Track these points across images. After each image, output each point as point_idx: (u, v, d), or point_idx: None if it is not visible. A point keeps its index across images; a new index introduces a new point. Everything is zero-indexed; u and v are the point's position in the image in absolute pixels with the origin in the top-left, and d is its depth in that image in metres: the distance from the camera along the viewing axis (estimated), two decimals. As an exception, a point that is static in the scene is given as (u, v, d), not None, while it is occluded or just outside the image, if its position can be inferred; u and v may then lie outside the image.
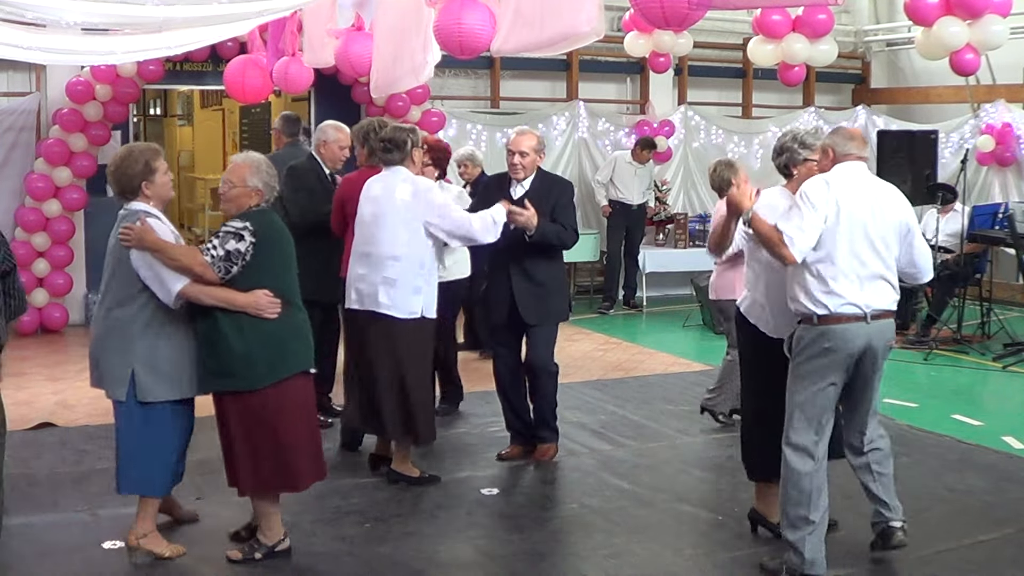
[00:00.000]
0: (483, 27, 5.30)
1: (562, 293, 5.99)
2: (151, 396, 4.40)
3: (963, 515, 5.25)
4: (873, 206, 4.30)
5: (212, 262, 4.29)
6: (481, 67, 11.60)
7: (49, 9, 5.45)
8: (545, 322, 5.88)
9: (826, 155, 4.46)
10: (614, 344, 9.56)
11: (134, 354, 4.38)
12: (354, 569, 4.59)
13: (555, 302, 5.90)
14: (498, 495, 5.50)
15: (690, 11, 4.28)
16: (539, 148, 5.79)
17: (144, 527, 4.57)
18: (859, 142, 4.46)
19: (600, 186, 11.36)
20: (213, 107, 15.74)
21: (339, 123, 6.64)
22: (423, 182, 5.52)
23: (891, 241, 4.33)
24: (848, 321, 4.24)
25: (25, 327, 9.62)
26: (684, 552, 4.79)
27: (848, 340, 4.24)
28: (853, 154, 4.40)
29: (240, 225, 4.38)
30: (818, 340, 4.26)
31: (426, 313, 5.45)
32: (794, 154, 4.86)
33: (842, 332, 4.24)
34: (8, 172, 9.80)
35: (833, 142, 4.45)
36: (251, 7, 6.06)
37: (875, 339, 4.29)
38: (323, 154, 6.51)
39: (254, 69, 8.22)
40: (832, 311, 4.23)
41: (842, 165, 4.37)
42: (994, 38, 7.74)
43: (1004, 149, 11.79)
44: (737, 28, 12.02)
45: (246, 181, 4.48)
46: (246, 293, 4.34)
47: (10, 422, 6.66)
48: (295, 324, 4.50)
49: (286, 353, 4.44)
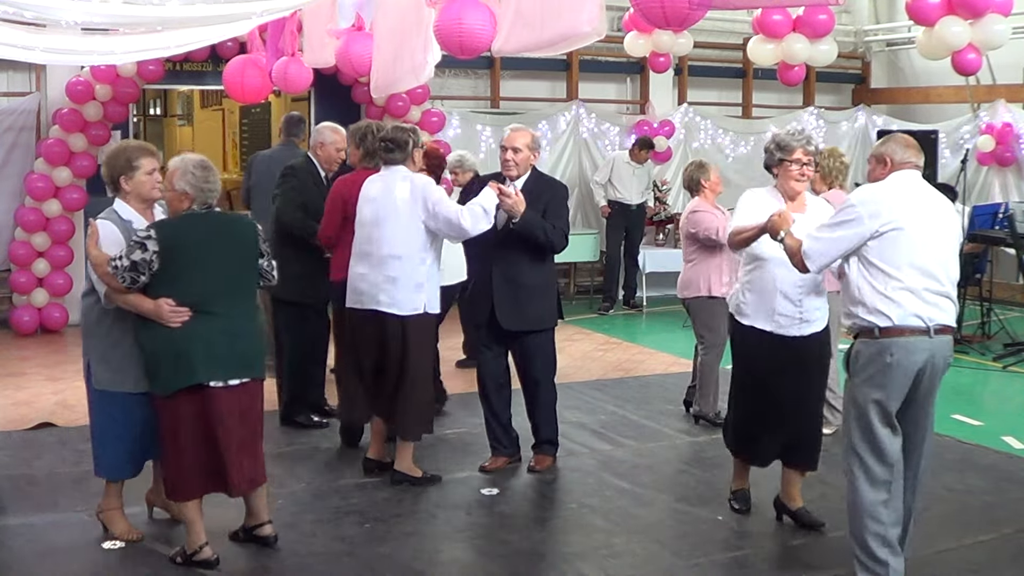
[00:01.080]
0: (483, 27, 5.29)
1: (546, 298, 5.71)
2: (102, 385, 4.64)
3: (963, 515, 5.25)
4: (935, 218, 4.18)
5: (116, 272, 4.33)
6: (481, 67, 11.60)
7: (49, 9, 5.45)
8: (523, 327, 5.65)
9: (882, 163, 4.29)
10: (614, 344, 9.56)
11: (90, 344, 4.71)
12: (354, 569, 4.58)
13: (536, 307, 5.66)
14: (498, 495, 5.50)
15: (691, 11, 4.27)
16: (533, 146, 5.63)
17: (107, 504, 4.82)
18: (915, 150, 4.30)
19: (599, 186, 11.35)
20: (213, 107, 15.74)
21: (336, 125, 6.64)
22: (420, 178, 5.50)
23: (951, 254, 4.20)
24: (911, 334, 4.09)
25: (25, 327, 9.63)
26: (684, 552, 4.79)
27: (911, 353, 4.11)
28: (911, 162, 4.26)
29: (144, 235, 4.38)
30: (881, 354, 4.12)
31: (428, 308, 5.46)
32: (771, 155, 4.92)
33: (904, 345, 4.09)
34: (8, 172, 9.81)
35: (891, 150, 4.28)
36: (251, 7, 6.06)
37: (937, 355, 4.15)
38: (320, 155, 6.51)
39: (254, 69, 8.21)
40: (895, 323, 4.09)
41: (900, 174, 4.23)
42: (996, 38, 7.74)
43: (1004, 149, 11.79)
44: (737, 28, 12.02)
45: (173, 185, 4.49)
46: (152, 301, 4.38)
47: (10, 422, 6.72)
48: (198, 334, 4.37)
49: (179, 364, 4.37)
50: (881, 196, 4.16)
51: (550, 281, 5.79)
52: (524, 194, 5.48)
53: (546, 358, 5.81)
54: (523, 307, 5.62)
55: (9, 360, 8.62)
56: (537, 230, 5.50)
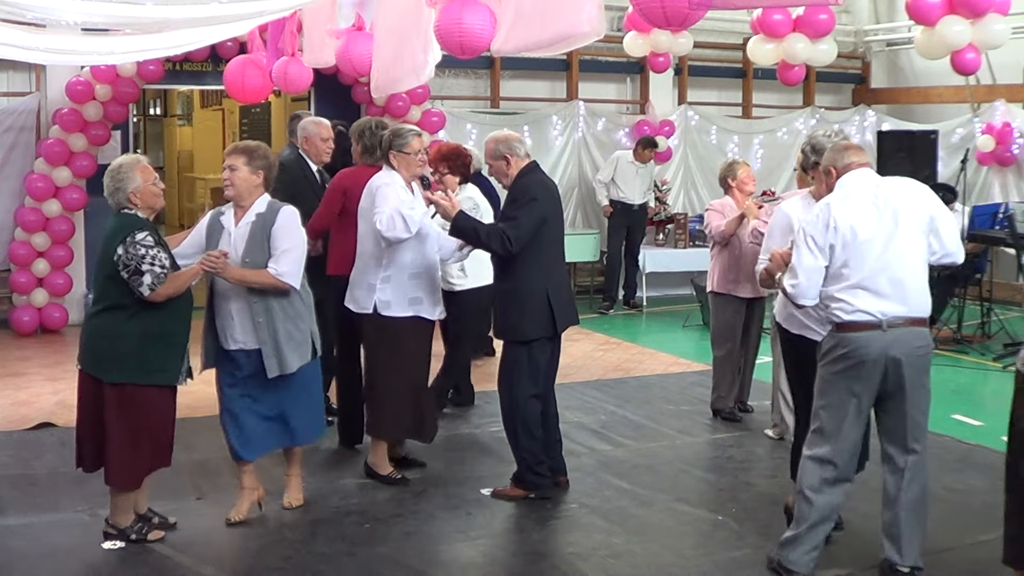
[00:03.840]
0: (483, 27, 5.28)
1: (511, 308, 5.30)
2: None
3: (963, 515, 5.25)
4: (891, 213, 4.18)
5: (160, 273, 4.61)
6: (481, 67, 11.60)
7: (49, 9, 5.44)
8: (498, 336, 5.49)
9: (828, 174, 4.36)
10: (614, 344, 9.56)
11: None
12: (354, 569, 4.58)
13: (505, 316, 5.36)
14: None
15: (691, 11, 4.26)
16: (494, 154, 5.33)
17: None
18: (855, 150, 4.37)
19: (601, 186, 11.35)
20: (213, 107, 15.75)
21: (317, 118, 6.76)
22: (378, 180, 5.46)
23: (912, 242, 4.19)
24: (863, 329, 4.15)
25: (25, 327, 9.62)
26: (684, 552, 4.79)
27: (862, 347, 4.16)
28: (854, 163, 4.31)
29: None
30: (836, 347, 4.24)
31: (381, 311, 5.46)
32: (807, 158, 4.94)
33: (856, 339, 4.17)
34: (8, 172, 9.81)
35: (830, 159, 4.38)
36: (251, 7, 6.05)
37: (895, 347, 4.17)
38: (307, 150, 6.56)
39: (254, 69, 8.20)
40: (845, 319, 4.18)
41: (847, 177, 4.28)
42: (996, 37, 7.74)
43: (1004, 149, 11.78)
44: (737, 28, 12.01)
45: None
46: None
47: (10, 422, 6.72)
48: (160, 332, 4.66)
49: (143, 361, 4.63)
50: (822, 221, 4.19)
51: (519, 289, 5.26)
52: (508, 196, 5.39)
53: (509, 375, 5.36)
54: (499, 314, 5.45)
55: (9, 360, 8.61)
56: (470, 234, 5.28)
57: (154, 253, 4.56)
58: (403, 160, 5.49)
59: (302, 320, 4.97)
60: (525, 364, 5.31)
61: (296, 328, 4.93)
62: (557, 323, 5.32)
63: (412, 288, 5.49)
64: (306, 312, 5.01)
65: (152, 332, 4.61)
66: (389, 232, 5.25)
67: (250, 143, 5.10)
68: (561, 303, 5.34)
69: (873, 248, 4.15)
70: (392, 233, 5.25)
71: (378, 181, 5.47)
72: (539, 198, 5.25)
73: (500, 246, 5.17)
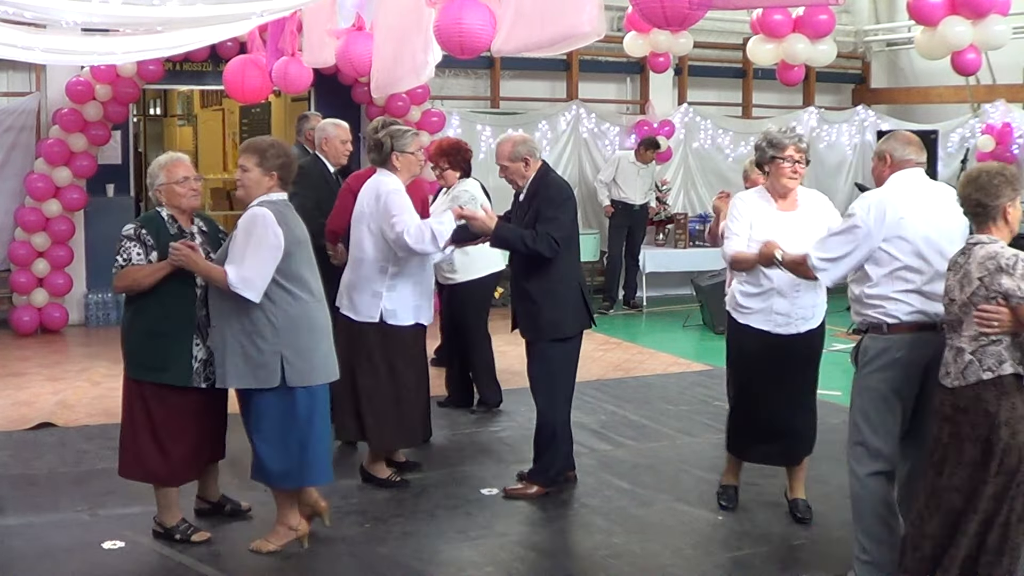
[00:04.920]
0: (483, 27, 5.28)
1: (550, 306, 5.28)
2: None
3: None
4: (938, 215, 4.12)
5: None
6: (481, 67, 11.60)
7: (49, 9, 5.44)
8: (535, 338, 5.37)
9: (883, 161, 4.27)
10: (614, 344, 9.56)
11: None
12: (354, 569, 4.59)
13: (542, 316, 5.30)
14: (498, 495, 5.49)
15: (691, 11, 4.26)
16: (515, 156, 5.29)
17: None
18: (916, 147, 4.27)
19: (603, 186, 11.35)
20: (213, 107, 15.73)
21: (336, 120, 6.73)
22: (387, 185, 5.34)
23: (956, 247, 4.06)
24: (919, 330, 4.08)
25: (25, 327, 9.62)
26: (684, 552, 4.79)
27: (917, 348, 4.08)
28: (912, 160, 4.23)
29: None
30: (888, 350, 4.13)
31: (387, 319, 5.38)
32: (763, 152, 4.94)
33: (911, 341, 4.09)
34: (8, 172, 9.81)
35: (891, 147, 4.25)
36: (251, 7, 6.05)
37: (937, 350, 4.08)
38: (326, 151, 6.55)
39: (254, 69, 8.20)
40: (902, 320, 4.10)
41: (901, 173, 4.21)
42: (997, 38, 7.73)
43: (1004, 149, 11.78)
44: (737, 28, 12.01)
45: None
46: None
47: (10, 422, 6.72)
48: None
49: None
50: (883, 203, 4.11)
51: (554, 289, 5.28)
52: (526, 200, 5.34)
53: (551, 376, 5.35)
54: (530, 316, 5.35)
55: (9, 360, 8.61)
56: (515, 243, 5.23)
57: (127, 246, 4.60)
58: (406, 161, 5.45)
59: (264, 340, 4.44)
60: (565, 361, 5.35)
61: (252, 345, 4.46)
62: (592, 315, 5.45)
63: (415, 295, 5.47)
64: (278, 333, 4.45)
65: (151, 330, 4.60)
66: (417, 244, 5.17)
67: (262, 141, 4.71)
68: (589, 298, 5.47)
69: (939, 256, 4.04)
70: (420, 246, 5.18)
71: (383, 187, 5.33)
72: (571, 196, 5.38)
73: (548, 249, 5.15)
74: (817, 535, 4.95)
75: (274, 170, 4.56)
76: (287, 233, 4.48)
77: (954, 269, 3.78)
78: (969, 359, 3.66)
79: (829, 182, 12.48)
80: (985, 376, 3.63)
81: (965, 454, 3.67)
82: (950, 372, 3.74)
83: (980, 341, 3.64)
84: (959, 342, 3.72)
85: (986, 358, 3.63)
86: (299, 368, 4.49)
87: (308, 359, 4.52)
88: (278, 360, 4.45)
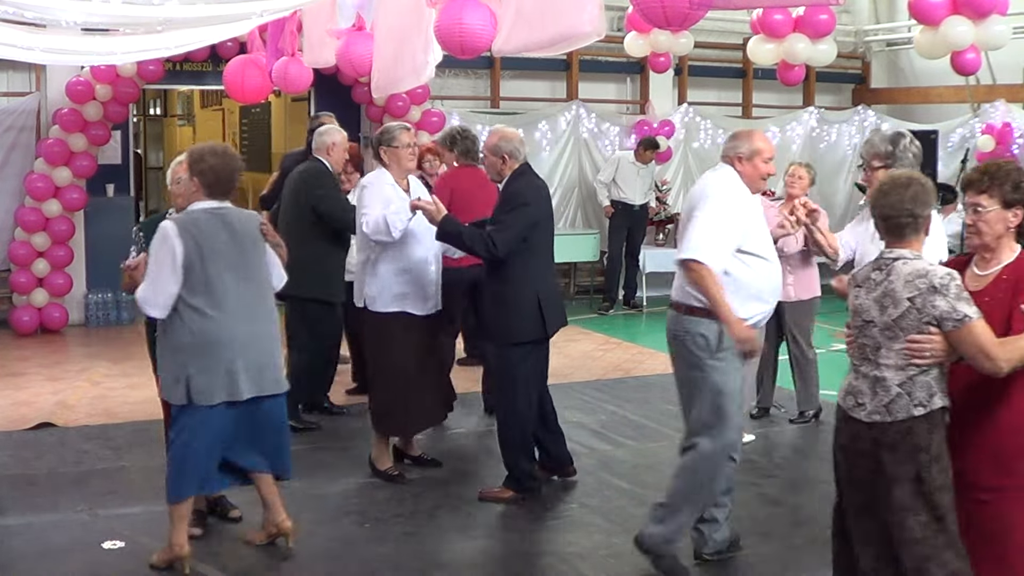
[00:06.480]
0: (484, 27, 5.28)
1: (501, 311, 5.25)
2: None
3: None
4: None
5: None
6: (481, 67, 11.60)
7: (49, 9, 5.45)
8: (489, 340, 5.51)
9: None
10: (614, 344, 9.56)
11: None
12: (354, 569, 4.59)
13: (495, 317, 5.32)
14: (498, 495, 5.50)
15: (691, 11, 4.27)
16: (493, 150, 5.27)
17: None
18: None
19: (603, 186, 11.35)
20: (213, 107, 15.74)
21: (339, 128, 6.81)
22: (368, 179, 5.71)
23: None
24: None
25: (25, 327, 9.62)
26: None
27: None
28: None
29: None
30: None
31: (369, 306, 5.59)
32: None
33: None
34: (8, 172, 9.81)
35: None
36: (251, 7, 6.05)
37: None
38: (331, 156, 6.55)
39: (254, 69, 8.21)
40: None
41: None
42: (997, 38, 7.74)
43: (1004, 149, 11.78)
44: (737, 28, 12.00)
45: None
46: None
47: (10, 422, 6.72)
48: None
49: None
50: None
51: (508, 292, 5.21)
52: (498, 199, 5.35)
53: (502, 380, 5.39)
54: (485, 315, 5.56)
55: (9, 360, 8.61)
56: (456, 238, 5.20)
57: (131, 248, 4.76)
58: (394, 155, 5.59)
59: (176, 356, 4.33)
60: (521, 367, 5.26)
61: (166, 360, 4.39)
62: (548, 326, 5.29)
63: (398, 284, 5.54)
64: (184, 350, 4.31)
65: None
66: (374, 235, 5.44)
67: (195, 149, 4.53)
68: (551, 306, 5.31)
69: None
70: (377, 236, 5.43)
71: (364, 182, 5.65)
72: (530, 202, 5.21)
73: (484, 250, 5.12)
74: (817, 535, 4.94)
75: (195, 175, 4.40)
76: (190, 246, 4.27)
77: (866, 286, 3.39)
78: (897, 392, 3.29)
79: (829, 182, 12.48)
80: (917, 412, 3.26)
81: (893, 495, 3.29)
82: (864, 404, 3.36)
83: (908, 372, 3.28)
84: (876, 371, 3.34)
85: (916, 390, 3.27)
86: (201, 386, 4.31)
87: (211, 377, 4.32)
88: (184, 381, 4.31)
